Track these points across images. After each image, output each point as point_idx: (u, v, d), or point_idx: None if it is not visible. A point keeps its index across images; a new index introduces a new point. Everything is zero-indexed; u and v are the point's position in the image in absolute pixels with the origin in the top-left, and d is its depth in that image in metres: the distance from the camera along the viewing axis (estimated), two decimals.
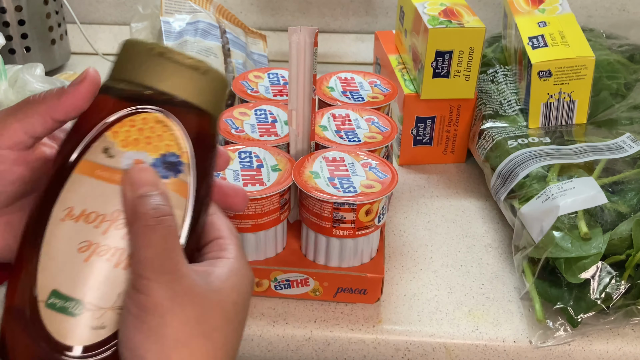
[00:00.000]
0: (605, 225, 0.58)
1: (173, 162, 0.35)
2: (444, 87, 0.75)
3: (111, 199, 0.34)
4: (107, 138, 0.35)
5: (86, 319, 0.33)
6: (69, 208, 0.34)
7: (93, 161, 0.35)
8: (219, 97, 0.38)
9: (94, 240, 0.34)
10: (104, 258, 0.34)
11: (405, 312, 0.59)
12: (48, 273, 0.33)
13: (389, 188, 0.56)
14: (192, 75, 0.37)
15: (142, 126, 0.35)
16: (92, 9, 1.09)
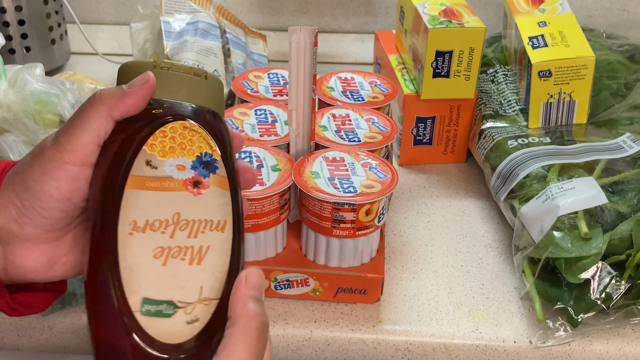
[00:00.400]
0: (605, 225, 0.58)
1: (209, 161, 0.39)
2: (444, 87, 0.75)
3: (167, 205, 0.38)
4: (146, 152, 0.38)
5: (180, 316, 0.36)
6: (133, 222, 0.37)
7: (140, 175, 0.38)
8: (220, 97, 0.42)
9: (165, 244, 0.37)
10: (178, 258, 0.37)
11: (405, 312, 0.59)
12: (134, 284, 0.36)
13: (389, 188, 0.56)
14: (198, 82, 0.41)
15: (173, 135, 0.39)
16: (92, 9, 1.09)
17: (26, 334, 0.59)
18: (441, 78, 0.74)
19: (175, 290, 0.36)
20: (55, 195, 0.38)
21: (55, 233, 0.39)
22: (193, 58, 0.81)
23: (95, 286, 0.36)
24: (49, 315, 0.58)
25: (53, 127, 0.69)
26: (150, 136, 0.38)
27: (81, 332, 0.59)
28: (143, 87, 0.39)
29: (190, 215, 0.38)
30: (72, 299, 0.58)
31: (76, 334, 0.59)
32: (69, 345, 0.59)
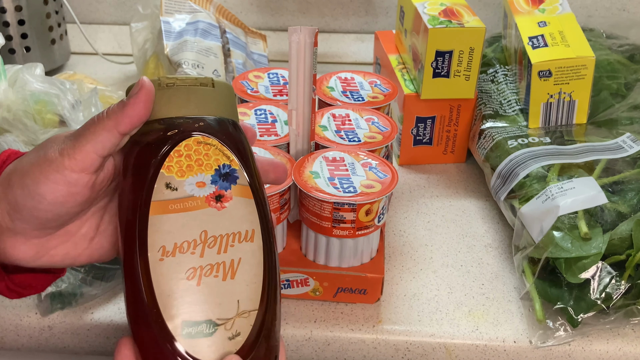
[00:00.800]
0: (605, 225, 0.58)
1: (228, 172, 0.39)
2: (444, 87, 0.75)
3: (192, 225, 0.38)
4: (164, 175, 0.38)
5: (221, 333, 0.36)
6: (162, 247, 0.37)
7: (161, 200, 0.38)
8: (231, 101, 0.42)
9: (196, 265, 0.37)
10: (211, 277, 0.37)
11: (405, 312, 0.59)
12: (171, 309, 0.36)
13: (389, 188, 0.56)
14: (205, 92, 0.40)
15: (188, 153, 0.39)
16: (92, 9, 1.09)
17: (26, 334, 0.59)
18: (441, 78, 0.74)
19: (212, 308, 0.36)
20: (49, 197, 0.38)
21: (45, 231, 0.40)
22: (193, 58, 0.81)
23: (136, 317, 0.37)
24: (49, 316, 0.58)
25: (53, 127, 0.69)
26: (166, 158, 0.38)
27: (81, 332, 0.59)
28: (140, 93, 0.38)
29: (217, 231, 0.38)
30: (72, 299, 0.58)
31: (76, 334, 0.59)
32: (69, 345, 0.59)
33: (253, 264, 0.38)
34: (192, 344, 0.36)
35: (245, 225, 0.38)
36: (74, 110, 0.69)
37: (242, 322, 0.37)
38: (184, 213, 0.38)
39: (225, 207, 0.38)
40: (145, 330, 0.36)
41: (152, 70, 0.84)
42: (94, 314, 0.59)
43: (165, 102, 0.39)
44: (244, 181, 0.39)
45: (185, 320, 0.36)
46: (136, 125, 0.39)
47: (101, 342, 0.59)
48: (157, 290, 0.36)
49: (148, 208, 0.38)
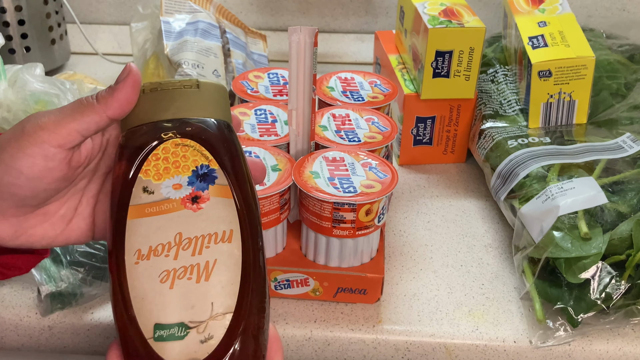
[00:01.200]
0: (605, 225, 0.58)
1: (206, 173, 0.39)
2: (444, 87, 0.75)
3: (167, 227, 0.38)
4: (142, 179, 0.39)
5: (193, 336, 0.36)
6: (138, 251, 0.37)
7: (138, 204, 0.38)
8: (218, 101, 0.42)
9: (169, 267, 0.37)
10: (184, 279, 0.37)
11: (405, 312, 0.59)
12: (144, 312, 0.36)
13: (389, 188, 0.56)
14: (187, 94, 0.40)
15: (165, 155, 0.39)
16: (92, 9, 1.09)
17: (26, 334, 0.59)
18: (441, 78, 0.74)
19: (184, 311, 0.36)
20: (25, 172, 0.38)
21: (23, 209, 0.40)
22: (193, 58, 0.81)
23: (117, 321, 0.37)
24: (49, 316, 0.58)
25: None
26: (144, 162, 0.39)
27: (81, 332, 0.59)
28: (128, 78, 0.39)
29: (192, 233, 0.38)
30: (72, 299, 0.58)
31: (76, 334, 0.59)
32: (69, 345, 0.59)
33: (229, 265, 0.37)
34: (163, 347, 0.36)
35: (222, 225, 0.38)
36: None
37: (216, 325, 0.36)
38: (160, 216, 0.38)
39: (202, 208, 0.38)
40: (124, 333, 0.36)
41: (152, 70, 0.84)
42: (94, 314, 0.59)
43: (147, 108, 0.40)
44: (223, 181, 0.39)
45: (157, 323, 0.36)
46: (126, 109, 0.39)
47: (101, 342, 0.59)
48: (132, 293, 0.37)
49: (126, 213, 0.38)
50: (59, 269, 0.58)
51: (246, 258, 0.38)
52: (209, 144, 0.39)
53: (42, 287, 0.57)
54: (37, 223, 0.41)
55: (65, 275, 0.58)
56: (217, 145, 0.40)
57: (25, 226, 0.41)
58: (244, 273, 0.38)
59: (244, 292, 0.37)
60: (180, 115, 0.40)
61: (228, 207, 0.39)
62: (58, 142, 0.38)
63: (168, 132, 0.39)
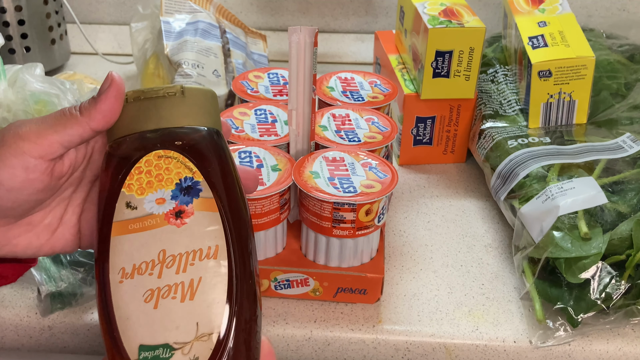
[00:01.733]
0: (605, 225, 0.58)
1: (190, 186, 0.38)
2: (444, 87, 0.75)
3: (150, 244, 0.37)
4: (125, 194, 0.37)
5: (179, 358, 0.35)
6: (122, 269, 0.36)
7: (121, 220, 0.37)
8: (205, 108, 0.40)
9: (153, 286, 0.36)
10: (169, 298, 0.36)
11: (405, 312, 0.59)
12: (129, 333, 0.35)
13: (389, 188, 0.56)
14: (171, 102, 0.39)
15: (148, 169, 0.38)
16: (92, 9, 1.09)
17: (26, 334, 0.59)
18: (441, 78, 0.74)
19: (169, 332, 0.35)
20: (5, 183, 0.37)
21: (5, 219, 0.39)
22: (193, 58, 0.81)
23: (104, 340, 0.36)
24: (49, 316, 0.58)
25: None
26: (127, 177, 0.37)
27: (81, 332, 0.59)
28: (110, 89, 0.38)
29: (176, 250, 0.36)
30: (72, 299, 0.58)
31: (76, 334, 0.59)
32: (69, 345, 0.59)
33: (215, 283, 0.36)
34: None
35: (207, 241, 0.37)
36: None
37: (201, 346, 0.35)
38: (143, 232, 0.37)
39: (186, 223, 0.37)
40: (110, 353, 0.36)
41: (152, 70, 0.84)
42: (94, 314, 0.59)
43: (130, 118, 0.38)
44: (207, 194, 0.37)
45: (142, 344, 0.35)
46: (110, 121, 0.38)
47: (101, 342, 0.59)
48: (117, 313, 0.36)
49: (110, 229, 0.37)
50: (59, 269, 0.58)
51: (233, 274, 0.36)
52: (193, 154, 0.38)
53: (42, 287, 0.57)
54: (21, 233, 0.40)
55: (65, 275, 0.58)
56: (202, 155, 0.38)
57: (8, 236, 0.40)
58: (230, 290, 0.36)
59: (231, 311, 0.36)
60: (164, 125, 0.38)
61: (213, 221, 0.37)
62: (39, 153, 0.37)
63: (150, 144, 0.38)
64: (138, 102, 0.39)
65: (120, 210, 0.37)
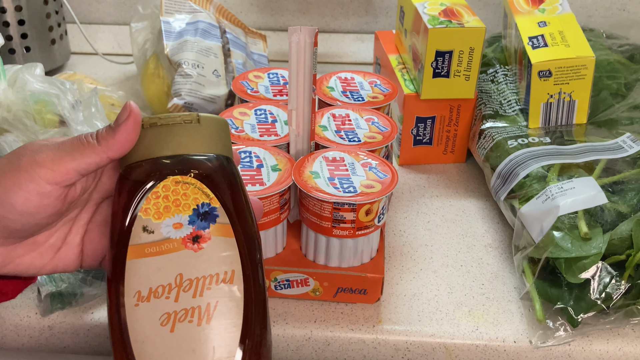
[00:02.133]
0: (605, 225, 0.58)
1: (207, 211, 0.38)
2: (444, 87, 0.75)
3: (167, 268, 0.37)
4: (142, 218, 0.38)
5: None
6: (137, 292, 0.37)
7: (138, 243, 0.37)
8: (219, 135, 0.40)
9: (170, 310, 0.36)
10: (185, 321, 0.36)
11: (405, 312, 0.59)
12: (145, 357, 0.35)
13: (389, 188, 0.56)
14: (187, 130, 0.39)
15: (166, 194, 0.38)
16: (92, 9, 1.09)
17: (26, 334, 0.59)
18: (441, 78, 0.74)
19: (186, 355, 0.35)
20: (19, 207, 0.37)
21: (11, 239, 0.39)
22: (193, 58, 0.81)
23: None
24: (49, 316, 0.58)
25: (53, 127, 0.69)
26: (144, 201, 0.38)
27: (81, 332, 0.59)
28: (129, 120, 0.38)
29: (193, 274, 0.37)
30: (72, 299, 0.58)
31: (76, 334, 0.59)
32: (69, 345, 0.59)
33: (231, 307, 0.36)
34: None
35: (224, 266, 0.37)
36: (74, 110, 0.69)
37: None
38: (160, 256, 0.37)
39: (203, 247, 0.37)
40: None
41: (152, 70, 0.84)
42: (94, 314, 0.59)
43: (146, 144, 0.39)
44: (224, 220, 0.38)
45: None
46: (127, 149, 0.39)
47: (101, 342, 0.59)
48: (133, 336, 0.36)
49: (125, 252, 0.37)
50: None
51: (248, 298, 0.37)
52: (210, 181, 0.38)
53: (42, 287, 0.57)
54: (25, 252, 0.40)
55: (66, 275, 0.58)
56: (218, 182, 0.39)
57: (12, 255, 0.40)
58: (246, 314, 0.37)
59: (246, 335, 0.36)
60: (181, 152, 0.39)
61: (229, 246, 0.38)
62: (55, 180, 0.37)
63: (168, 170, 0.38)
64: (154, 128, 0.39)
65: (136, 233, 0.37)
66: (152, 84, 0.84)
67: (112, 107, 0.80)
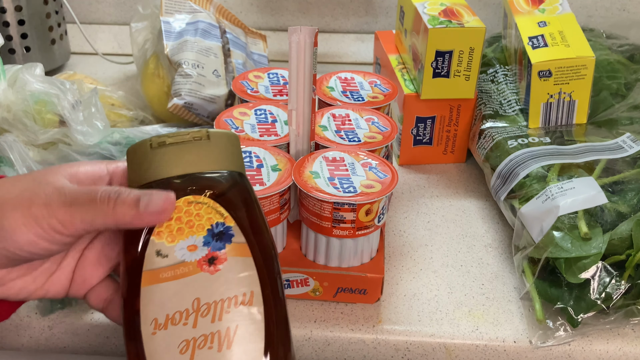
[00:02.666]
0: (605, 225, 0.58)
1: (222, 231, 0.37)
2: (444, 87, 0.75)
3: (184, 293, 0.35)
4: (155, 242, 0.36)
5: None
6: (154, 320, 0.35)
7: (152, 269, 0.36)
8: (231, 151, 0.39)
9: (189, 337, 0.35)
10: (205, 348, 0.35)
11: (405, 312, 0.59)
12: None
13: (389, 188, 0.56)
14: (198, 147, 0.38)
15: (178, 215, 0.37)
16: (92, 9, 1.09)
17: (26, 334, 0.59)
18: (441, 78, 0.74)
19: None
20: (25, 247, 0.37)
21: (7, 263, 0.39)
22: (193, 58, 0.81)
23: None
24: (49, 315, 0.58)
25: (53, 127, 0.69)
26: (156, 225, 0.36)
27: (81, 332, 0.59)
28: (163, 213, 0.36)
29: (210, 297, 0.35)
30: (72, 299, 0.58)
31: (76, 334, 0.59)
32: (69, 345, 0.59)
33: (252, 331, 0.35)
34: None
35: (242, 287, 0.36)
36: (74, 110, 0.69)
37: None
38: (176, 281, 0.35)
39: (220, 269, 0.36)
40: None
41: (152, 70, 0.84)
42: (94, 314, 0.58)
43: (156, 164, 0.37)
44: (240, 239, 0.37)
45: None
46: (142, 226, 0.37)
47: (101, 342, 0.59)
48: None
49: (139, 280, 0.36)
50: None
51: (269, 319, 0.36)
52: (224, 199, 0.37)
53: None
54: (19, 276, 0.40)
55: None
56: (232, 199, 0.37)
57: (5, 279, 0.39)
58: (268, 336, 0.35)
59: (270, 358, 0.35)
60: (192, 170, 0.37)
61: (247, 266, 0.36)
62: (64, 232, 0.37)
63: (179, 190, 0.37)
64: (163, 147, 0.38)
65: (150, 259, 0.36)
66: (152, 84, 0.84)
67: (112, 107, 0.81)
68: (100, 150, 0.69)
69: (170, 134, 0.38)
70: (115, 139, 0.72)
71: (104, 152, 0.69)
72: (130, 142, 0.72)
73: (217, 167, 0.38)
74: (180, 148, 0.38)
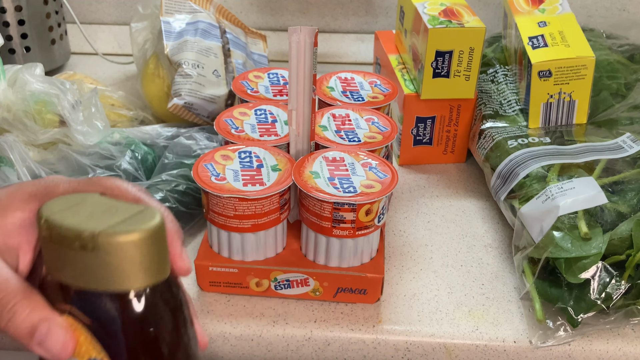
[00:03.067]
0: (605, 225, 0.58)
1: None
2: (444, 87, 0.75)
3: None
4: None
5: None
6: None
7: None
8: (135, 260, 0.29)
9: None
10: None
11: (405, 312, 0.59)
12: None
13: (389, 188, 0.56)
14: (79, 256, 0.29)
15: (73, 328, 0.31)
16: (92, 9, 1.09)
17: None
18: (441, 78, 0.74)
19: None
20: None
21: None
22: (193, 58, 0.81)
23: None
24: None
25: (53, 127, 0.69)
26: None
27: None
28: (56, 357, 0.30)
29: None
30: None
31: None
32: None
33: None
34: None
35: None
36: (74, 110, 0.69)
37: None
38: None
39: None
40: None
41: (152, 70, 0.84)
42: None
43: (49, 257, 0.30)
44: None
45: None
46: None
47: None
48: None
49: None
50: None
51: None
52: (103, 334, 0.30)
53: None
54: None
55: None
56: (113, 336, 0.30)
57: None
58: None
59: None
60: (76, 283, 0.30)
61: None
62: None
63: (63, 304, 0.31)
64: (54, 242, 0.30)
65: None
66: (152, 84, 0.84)
67: (112, 107, 0.81)
68: (100, 150, 0.69)
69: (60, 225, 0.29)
70: (115, 139, 0.72)
71: (104, 152, 0.69)
72: (130, 142, 0.72)
73: (109, 287, 0.29)
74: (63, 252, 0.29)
